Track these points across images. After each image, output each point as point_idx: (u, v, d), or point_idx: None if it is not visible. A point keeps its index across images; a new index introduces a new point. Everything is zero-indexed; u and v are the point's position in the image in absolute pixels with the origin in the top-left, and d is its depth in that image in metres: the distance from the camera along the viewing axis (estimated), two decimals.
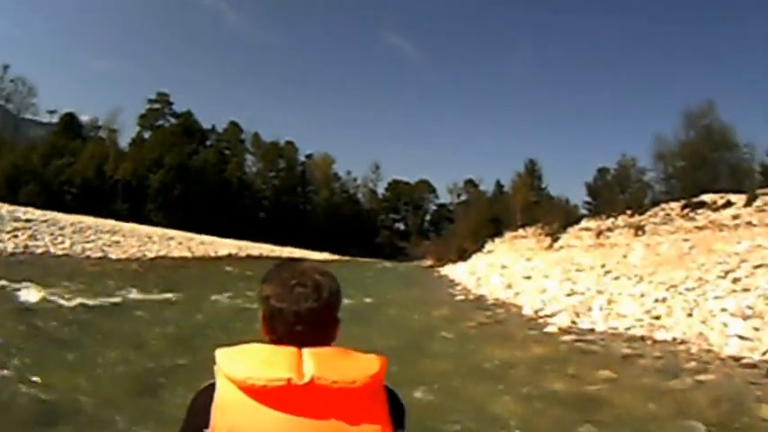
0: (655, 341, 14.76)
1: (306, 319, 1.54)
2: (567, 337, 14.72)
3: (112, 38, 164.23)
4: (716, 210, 26.56)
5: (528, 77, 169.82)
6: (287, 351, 1.48)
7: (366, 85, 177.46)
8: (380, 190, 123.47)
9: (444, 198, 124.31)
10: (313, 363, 1.45)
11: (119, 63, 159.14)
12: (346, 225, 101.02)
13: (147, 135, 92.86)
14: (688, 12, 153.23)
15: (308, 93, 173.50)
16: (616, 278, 23.79)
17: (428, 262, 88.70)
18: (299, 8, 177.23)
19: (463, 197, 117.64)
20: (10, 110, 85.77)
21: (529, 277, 30.62)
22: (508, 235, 62.08)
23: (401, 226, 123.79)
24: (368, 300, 21.01)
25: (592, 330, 16.19)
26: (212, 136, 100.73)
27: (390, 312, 18.95)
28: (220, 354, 1.51)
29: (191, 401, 1.55)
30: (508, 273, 34.73)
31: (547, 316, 18.86)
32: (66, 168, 77.99)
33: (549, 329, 16.03)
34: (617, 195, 53.72)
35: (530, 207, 73.42)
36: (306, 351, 1.49)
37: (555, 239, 41.31)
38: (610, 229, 33.89)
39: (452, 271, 49.84)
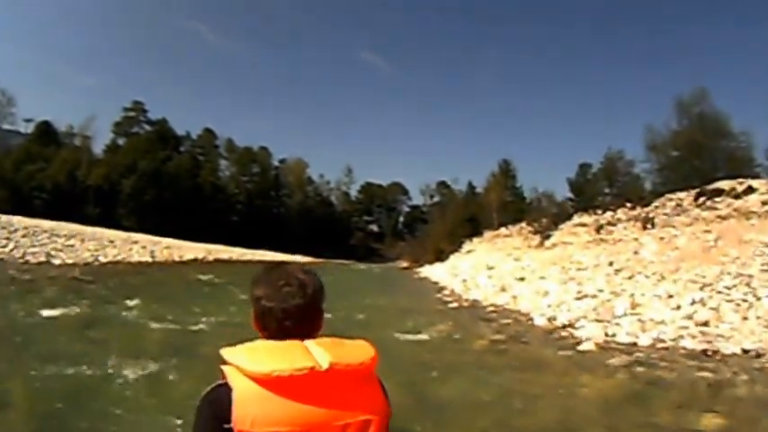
0: (723, 356, 10.83)
1: (294, 314, 1.62)
2: (614, 360, 10.60)
3: (95, 54, 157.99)
4: (737, 197, 22.71)
5: (497, 84, 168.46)
6: (294, 344, 1.57)
7: (339, 96, 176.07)
8: (353, 192, 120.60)
9: (417, 200, 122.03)
10: (324, 351, 1.53)
11: (101, 77, 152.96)
12: (320, 228, 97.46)
13: (121, 142, 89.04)
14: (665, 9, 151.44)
15: (282, 104, 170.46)
16: (630, 277, 19.97)
17: (404, 263, 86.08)
18: (275, 26, 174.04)
19: (436, 198, 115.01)
20: None
21: (522, 278, 26.80)
22: (488, 234, 58.35)
23: (375, 228, 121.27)
24: (344, 311, 15.73)
25: (634, 345, 12.17)
26: (186, 142, 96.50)
27: (375, 329, 13.56)
28: (231, 354, 1.55)
29: (201, 404, 1.56)
30: (497, 274, 30.87)
31: (566, 326, 14.87)
32: (37, 174, 73.96)
33: (584, 347, 11.86)
34: (602, 189, 49.83)
35: (506, 206, 70.38)
36: (308, 343, 1.57)
37: (545, 237, 37.19)
38: (611, 224, 29.84)
39: (432, 272, 45.81)
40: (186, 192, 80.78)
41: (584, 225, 33.00)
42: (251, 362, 1.49)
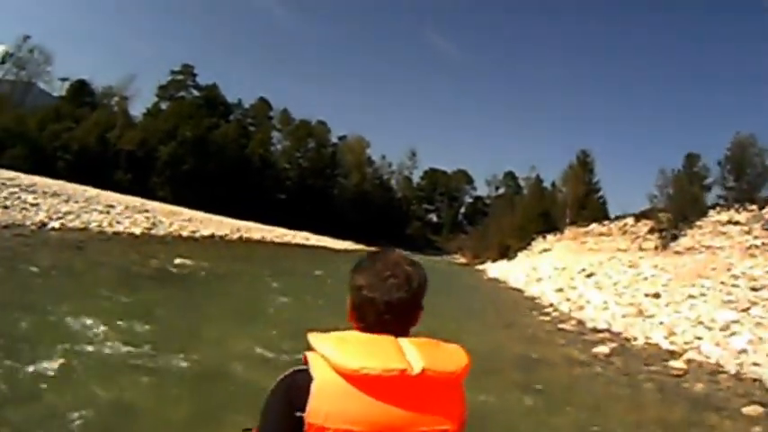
0: None
1: (396, 308, 1.50)
2: None
3: (149, 19, 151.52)
4: None
5: (571, 76, 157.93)
6: (388, 340, 1.45)
7: (405, 76, 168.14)
8: (415, 178, 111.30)
9: (481, 190, 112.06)
10: (418, 353, 1.42)
11: (153, 44, 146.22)
12: (376, 214, 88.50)
13: (164, 106, 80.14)
14: None
15: (344, 81, 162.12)
16: None
17: (462, 259, 77.61)
18: (342, 5, 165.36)
19: (502, 190, 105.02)
20: (22, 77, 73.10)
21: (657, 295, 17.68)
22: (569, 231, 48.53)
23: (434, 217, 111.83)
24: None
25: None
26: (237, 111, 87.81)
27: None
28: (319, 341, 1.45)
29: (277, 386, 1.46)
30: (608, 285, 21.74)
31: None
32: (63, 133, 65.98)
33: None
34: (725, 183, 38.96)
35: (584, 202, 60.67)
36: (403, 341, 1.45)
37: (672, 237, 27.19)
38: None
39: (504, 273, 36.81)
40: (231, 163, 72.60)
41: (737, 223, 23.13)
42: (339, 354, 1.39)
